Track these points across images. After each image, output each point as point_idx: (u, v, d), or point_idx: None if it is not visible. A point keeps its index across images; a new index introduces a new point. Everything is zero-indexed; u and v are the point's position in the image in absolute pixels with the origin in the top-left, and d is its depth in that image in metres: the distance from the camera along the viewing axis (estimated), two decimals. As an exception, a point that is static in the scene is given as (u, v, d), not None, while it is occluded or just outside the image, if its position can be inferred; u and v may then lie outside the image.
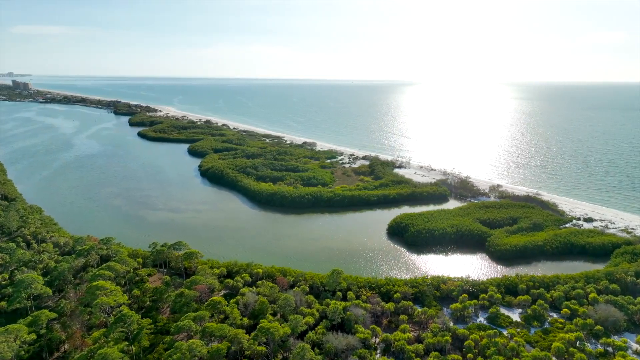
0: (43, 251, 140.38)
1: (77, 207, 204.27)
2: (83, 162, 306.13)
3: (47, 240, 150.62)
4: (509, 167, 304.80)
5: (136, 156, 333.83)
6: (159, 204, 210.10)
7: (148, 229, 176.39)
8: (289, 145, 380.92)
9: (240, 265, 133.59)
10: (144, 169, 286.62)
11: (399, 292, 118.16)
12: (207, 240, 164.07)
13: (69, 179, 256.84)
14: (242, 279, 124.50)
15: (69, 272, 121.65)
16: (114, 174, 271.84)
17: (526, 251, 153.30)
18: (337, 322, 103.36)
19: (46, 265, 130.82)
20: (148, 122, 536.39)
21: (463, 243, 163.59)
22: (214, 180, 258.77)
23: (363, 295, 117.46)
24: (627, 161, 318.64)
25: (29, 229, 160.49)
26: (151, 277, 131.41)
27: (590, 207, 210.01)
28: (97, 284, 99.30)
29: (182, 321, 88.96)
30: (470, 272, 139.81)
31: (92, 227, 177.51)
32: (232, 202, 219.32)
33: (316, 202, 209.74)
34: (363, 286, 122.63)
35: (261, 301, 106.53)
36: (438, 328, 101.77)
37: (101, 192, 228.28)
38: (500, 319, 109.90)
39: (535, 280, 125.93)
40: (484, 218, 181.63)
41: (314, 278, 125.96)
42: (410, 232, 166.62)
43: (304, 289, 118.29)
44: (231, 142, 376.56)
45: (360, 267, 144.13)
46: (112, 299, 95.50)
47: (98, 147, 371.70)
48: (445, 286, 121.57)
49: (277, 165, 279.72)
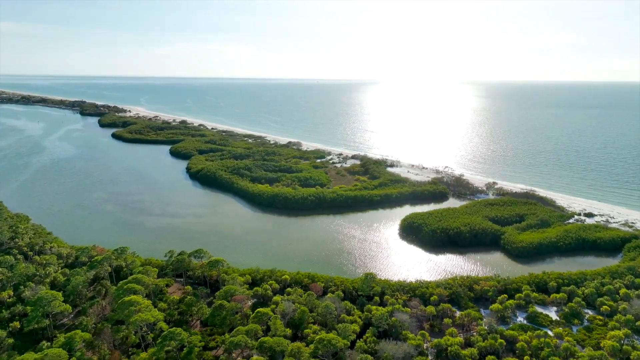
0: (46, 263, 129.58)
1: (67, 215, 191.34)
2: (61, 166, 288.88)
3: (47, 252, 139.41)
4: (492, 164, 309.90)
5: (116, 159, 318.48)
6: (156, 209, 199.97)
7: (150, 236, 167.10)
8: (273, 145, 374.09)
9: (264, 272, 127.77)
10: (129, 173, 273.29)
11: (435, 294, 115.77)
12: (216, 247, 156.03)
13: (51, 184, 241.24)
14: (270, 287, 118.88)
15: (83, 286, 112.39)
16: (97, 178, 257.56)
17: (541, 248, 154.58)
18: (384, 329, 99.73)
19: (54, 279, 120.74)
20: (120, 122, 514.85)
21: (477, 241, 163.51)
22: (206, 182, 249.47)
23: (399, 299, 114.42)
24: (606, 158, 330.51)
25: (23, 240, 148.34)
26: (169, 287, 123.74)
27: (586, 202, 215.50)
28: (130, 299, 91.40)
29: (235, 336, 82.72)
30: (492, 270, 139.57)
31: (88, 235, 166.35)
32: (230, 205, 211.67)
33: (319, 203, 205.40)
34: (397, 289, 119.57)
35: (301, 310, 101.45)
36: (485, 331, 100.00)
37: (90, 198, 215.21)
38: (540, 318, 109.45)
39: (563, 277, 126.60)
40: (492, 216, 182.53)
41: (345, 283, 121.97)
42: (425, 231, 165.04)
43: (339, 294, 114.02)
44: (214, 143, 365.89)
45: (380, 269, 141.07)
46: (149, 315, 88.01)
47: (73, 149, 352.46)
48: (478, 287, 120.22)
49: (269, 166, 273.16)
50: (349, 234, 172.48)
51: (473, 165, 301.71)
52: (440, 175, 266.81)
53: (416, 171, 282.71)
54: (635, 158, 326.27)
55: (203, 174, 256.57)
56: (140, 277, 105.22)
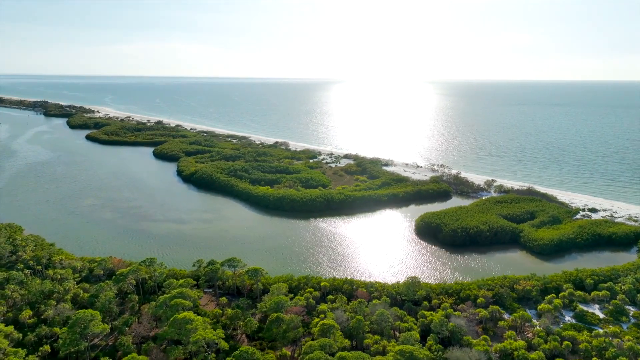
0: (61, 278, 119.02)
1: (63, 224, 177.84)
2: (39, 171, 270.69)
3: (57, 265, 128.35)
4: (484, 161, 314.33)
5: (99, 162, 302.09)
6: (157, 215, 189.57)
7: (159, 244, 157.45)
8: (260, 145, 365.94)
9: (299, 279, 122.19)
10: (117, 177, 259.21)
11: (480, 296, 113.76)
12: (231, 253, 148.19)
13: (34, 191, 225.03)
14: (311, 295, 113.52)
15: (112, 302, 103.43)
16: (85, 183, 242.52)
17: (561, 244, 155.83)
18: (445, 335, 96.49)
19: (75, 295, 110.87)
20: (91, 124, 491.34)
21: (497, 240, 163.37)
22: (202, 185, 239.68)
23: (445, 303, 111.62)
24: (586, 154, 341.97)
25: (26, 253, 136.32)
26: (200, 299, 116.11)
27: (585, 198, 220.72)
28: (183, 316, 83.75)
29: (312, 353, 76.99)
30: (517, 269, 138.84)
31: (92, 245, 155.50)
32: (234, 208, 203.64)
33: (327, 205, 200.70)
34: (440, 293, 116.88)
35: (357, 319, 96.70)
36: (543, 332, 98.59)
37: (82, 205, 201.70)
38: (587, 316, 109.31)
39: (597, 274, 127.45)
40: (504, 213, 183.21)
41: (386, 287, 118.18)
42: (445, 231, 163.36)
43: (386, 300, 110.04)
44: (199, 144, 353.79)
45: (409, 272, 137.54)
46: (210, 333, 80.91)
47: (47, 153, 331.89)
48: (519, 286, 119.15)
49: (266, 168, 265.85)
50: (365, 236, 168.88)
51: (465, 164, 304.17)
52: (437, 173, 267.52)
53: (412, 170, 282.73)
54: (613, 154, 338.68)
55: (198, 176, 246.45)
56: (185, 291, 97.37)
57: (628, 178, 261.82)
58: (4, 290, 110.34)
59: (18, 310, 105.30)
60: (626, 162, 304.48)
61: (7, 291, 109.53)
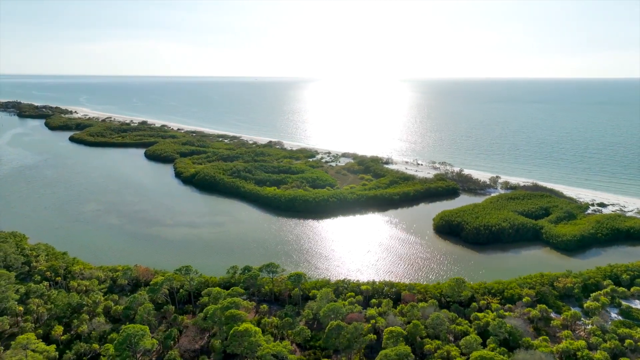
0: (87, 290, 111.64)
1: (69, 232, 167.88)
2: (29, 176, 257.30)
3: (77, 276, 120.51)
4: (482, 158, 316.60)
5: (89, 165, 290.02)
6: (166, 220, 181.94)
7: (175, 250, 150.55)
8: (255, 145, 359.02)
9: (337, 283, 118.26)
10: (113, 180, 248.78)
11: (524, 295, 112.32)
12: (258, 257, 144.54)
13: (30, 197, 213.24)
14: (355, 299, 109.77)
15: (150, 314, 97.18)
16: (81, 187, 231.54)
17: (583, 240, 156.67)
18: (503, 338, 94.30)
19: (106, 307, 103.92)
20: (73, 125, 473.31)
21: (518, 237, 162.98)
22: (205, 187, 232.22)
23: (494, 303, 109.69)
24: (577, 148, 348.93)
25: (40, 263, 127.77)
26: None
27: (591, 193, 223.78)
28: (245, 328, 78.48)
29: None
30: (546, 266, 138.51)
31: (104, 253, 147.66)
32: (244, 210, 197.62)
33: (340, 205, 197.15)
34: (483, 293, 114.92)
35: (414, 323, 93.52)
36: (599, 331, 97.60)
37: (84, 211, 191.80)
38: (633, 312, 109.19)
39: (630, 268, 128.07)
40: (520, 210, 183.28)
41: (428, 289, 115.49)
42: (467, 229, 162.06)
43: (433, 302, 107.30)
44: (193, 145, 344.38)
45: (441, 273, 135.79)
46: (279, 346, 76.08)
47: (32, 156, 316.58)
48: (559, 284, 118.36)
49: (268, 168, 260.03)
50: (385, 236, 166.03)
51: (463, 161, 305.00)
52: (439, 171, 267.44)
53: (414, 167, 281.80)
54: (602, 150, 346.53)
55: (200, 178, 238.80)
56: (238, 300, 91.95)
57: (625, 173, 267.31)
58: (28, 305, 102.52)
59: (47, 327, 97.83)
60: (617, 157, 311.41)
61: (32, 305, 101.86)
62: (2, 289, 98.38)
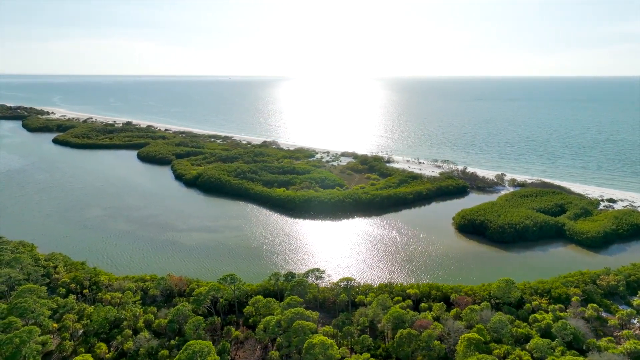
0: (121, 303, 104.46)
1: (80, 240, 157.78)
2: (19, 180, 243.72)
3: (104, 288, 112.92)
4: (483, 156, 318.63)
5: (81, 168, 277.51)
6: (179, 225, 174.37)
7: (200, 257, 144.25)
8: (250, 145, 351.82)
9: (381, 287, 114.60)
10: (111, 183, 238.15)
11: (572, 294, 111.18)
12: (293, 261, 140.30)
13: (26, 203, 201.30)
14: (405, 304, 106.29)
15: (199, 327, 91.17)
16: (79, 192, 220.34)
17: (607, 236, 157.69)
18: (568, 340, 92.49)
19: (147, 321, 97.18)
20: (53, 126, 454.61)
21: (542, 234, 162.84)
22: (210, 190, 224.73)
23: (543, 304, 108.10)
24: (570, 145, 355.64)
25: (60, 275, 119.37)
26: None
27: (597, 189, 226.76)
28: (320, 341, 73.78)
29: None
30: (578, 263, 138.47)
31: (124, 262, 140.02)
32: (258, 213, 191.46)
33: (356, 205, 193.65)
34: (531, 293, 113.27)
35: (478, 327, 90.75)
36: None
37: (90, 217, 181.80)
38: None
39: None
40: (537, 207, 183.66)
41: (475, 290, 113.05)
42: (492, 228, 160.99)
43: (486, 305, 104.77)
44: (187, 146, 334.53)
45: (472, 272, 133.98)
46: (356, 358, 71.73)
47: (18, 159, 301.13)
48: (602, 282, 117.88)
49: (273, 169, 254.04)
50: (409, 236, 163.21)
51: (464, 159, 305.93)
52: (442, 169, 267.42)
53: (417, 166, 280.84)
54: (592, 147, 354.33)
55: (204, 180, 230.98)
56: (302, 310, 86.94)
57: (623, 169, 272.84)
58: (63, 321, 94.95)
59: (86, 344, 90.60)
60: (609, 154, 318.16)
61: (68, 322, 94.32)
62: (36, 305, 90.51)
